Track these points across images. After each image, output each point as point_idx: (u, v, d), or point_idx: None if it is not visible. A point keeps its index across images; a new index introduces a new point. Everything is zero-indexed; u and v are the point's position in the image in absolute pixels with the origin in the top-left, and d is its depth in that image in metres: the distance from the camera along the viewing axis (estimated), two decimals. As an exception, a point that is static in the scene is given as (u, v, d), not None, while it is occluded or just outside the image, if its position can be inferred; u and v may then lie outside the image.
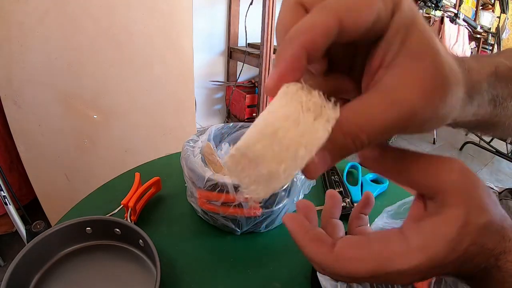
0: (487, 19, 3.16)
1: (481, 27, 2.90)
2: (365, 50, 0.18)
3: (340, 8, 0.15)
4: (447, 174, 0.20)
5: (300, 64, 0.15)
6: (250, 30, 1.91)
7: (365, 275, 0.18)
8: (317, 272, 0.38)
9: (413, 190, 0.21)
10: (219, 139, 0.61)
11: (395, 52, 0.16)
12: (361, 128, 0.16)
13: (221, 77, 2.11)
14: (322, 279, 0.37)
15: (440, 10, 1.93)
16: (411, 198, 0.38)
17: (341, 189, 0.60)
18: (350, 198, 0.58)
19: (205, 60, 1.99)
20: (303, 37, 0.15)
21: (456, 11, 2.05)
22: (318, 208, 0.60)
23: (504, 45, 3.40)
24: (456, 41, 2.50)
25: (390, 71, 0.16)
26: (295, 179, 0.48)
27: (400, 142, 2.62)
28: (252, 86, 2.05)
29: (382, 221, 0.39)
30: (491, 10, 3.31)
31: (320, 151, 0.16)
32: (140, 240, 0.42)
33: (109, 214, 0.47)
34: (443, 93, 0.16)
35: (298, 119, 0.15)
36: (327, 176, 0.64)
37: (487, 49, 3.68)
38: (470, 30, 2.67)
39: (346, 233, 0.27)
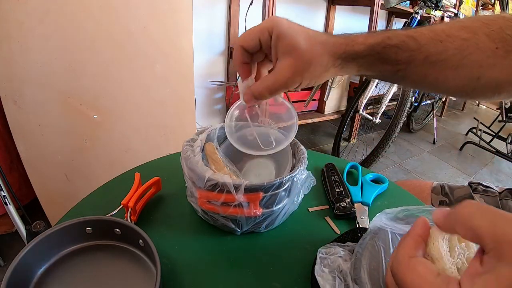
0: (487, 19, 3.14)
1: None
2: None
3: (240, 41, 0.37)
4: (504, 226, 0.20)
5: (245, 66, 0.40)
6: (250, 30, 1.91)
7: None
8: (316, 272, 0.38)
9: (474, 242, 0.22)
10: (221, 139, 0.61)
11: (275, 54, 0.35)
12: (263, 87, 0.37)
13: (221, 77, 2.11)
14: (320, 278, 0.37)
15: (440, 10, 1.92)
16: (413, 206, 0.38)
17: (341, 189, 0.60)
18: (350, 198, 0.58)
19: (205, 60, 1.99)
20: (235, 56, 0.39)
21: (456, 11, 2.05)
22: (318, 208, 0.60)
23: (504, 45, 3.39)
24: (456, 41, 2.49)
25: (276, 65, 0.36)
26: (295, 179, 0.48)
27: (401, 142, 2.62)
28: (252, 86, 2.05)
29: (381, 222, 0.39)
30: (491, 10, 3.31)
31: (249, 94, 0.38)
32: (140, 240, 0.42)
33: (109, 214, 0.47)
34: (301, 67, 0.34)
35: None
36: (327, 176, 0.64)
37: (487, 49, 3.68)
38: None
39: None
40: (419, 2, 1.88)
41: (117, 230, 0.43)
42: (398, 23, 2.85)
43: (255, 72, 0.41)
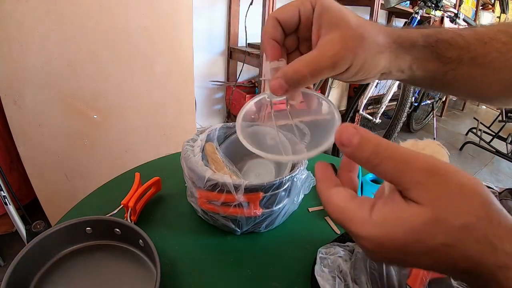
0: (487, 19, 3.16)
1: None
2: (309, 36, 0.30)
3: (275, 12, 0.30)
4: (415, 175, 0.20)
5: (275, 44, 0.31)
6: (250, 30, 1.91)
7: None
8: (316, 272, 0.38)
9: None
10: (221, 139, 0.61)
11: (318, 31, 0.29)
12: (301, 65, 0.27)
13: (221, 77, 2.12)
14: (320, 278, 0.37)
15: (440, 10, 1.92)
16: None
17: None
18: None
19: (205, 60, 1.99)
20: (266, 29, 0.31)
21: (456, 11, 2.04)
22: (318, 208, 0.60)
23: (504, 45, 3.39)
24: (456, 41, 2.49)
25: (319, 41, 0.28)
26: (295, 179, 0.48)
27: (401, 142, 2.61)
28: (252, 86, 2.05)
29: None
30: (491, 10, 3.32)
31: (279, 80, 0.28)
32: (140, 240, 0.42)
33: (109, 214, 0.47)
34: (352, 41, 0.27)
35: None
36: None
37: (487, 49, 3.68)
38: (470, 30, 2.67)
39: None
40: (419, 2, 1.88)
41: (117, 230, 0.43)
42: (398, 23, 2.85)
43: (285, 58, 0.33)
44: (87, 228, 0.43)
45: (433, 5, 1.85)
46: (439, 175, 0.20)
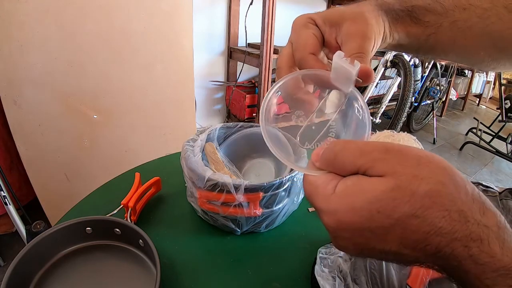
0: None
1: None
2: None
3: (306, 48, 0.31)
4: (372, 154, 0.21)
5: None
6: (250, 30, 1.91)
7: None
8: (316, 272, 0.38)
9: None
10: (221, 139, 0.61)
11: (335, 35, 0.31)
12: (356, 51, 0.29)
13: (221, 77, 2.12)
14: (320, 278, 0.37)
15: None
16: None
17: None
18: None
19: (205, 60, 1.99)
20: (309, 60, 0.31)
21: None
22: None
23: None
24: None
25: (343, 33, 0.30)
26: (295, 179, 0.48)
27: (400, 142, 2.61)
28: (252, 86, 2.05)
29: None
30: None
31: (366, 66, 0.27)
32: (140, 240, 0.42)
33: (109, 214, 0.47)
34: (366, 22, 0.30)
35: None
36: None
37: (487, 49, 3.68)
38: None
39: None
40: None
41: (117, 230, 0.43)
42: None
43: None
44: (87, 228, 0.43)
45: None
46: (395, 150, 0.20)
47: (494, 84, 4.23)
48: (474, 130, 2.69)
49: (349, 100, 0.30)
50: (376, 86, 1.98)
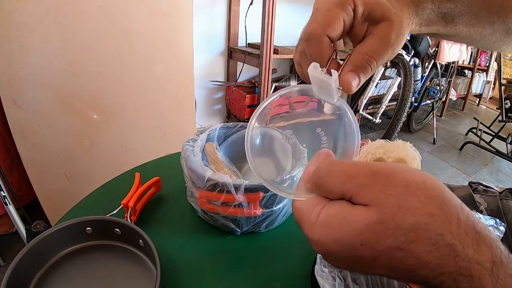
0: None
1: (481, 49, 2.89)
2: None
3: (321, 26, 0.27)
4: (357, 180, 0.20)
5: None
6: (250, 30, 1.91)
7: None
8: (316, 272, 0.38)
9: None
10: (221, 139, 0.61)
11: (364, 28, 0.28)
12: (371, 54, 0.27)
13: (221, 77, 2.12)
14: (320, 278, 0.37)
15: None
16: None
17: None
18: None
19: (205, 60, 1.99)
20: (318, 52, 0.28)
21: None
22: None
23: (504, 45, 3.39)
24: (456, 41, 2.50)
25: (375, 30, 0.28)
26: (295, 179, 0.48)
27: (400, 142, 2.61)
28: (252, 86, 2.05)
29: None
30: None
31: (348, 74, 0.27)
32: (140, 240, 0.42)
33: (109, 214, 0.47)
34: (400, 28, 0.27)
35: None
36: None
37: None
38: (470, 30, 2.67)
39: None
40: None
41: (117, 230, 0.43)
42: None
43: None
44: (87, 228, 0.43)
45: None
46: (382, 175, 0.19)
47: (494, 84, 4.23)
48: (474, 130, 2.69)
49: (339, 111, 0.30)
50: (376, 86, 1.98)
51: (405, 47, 2.06)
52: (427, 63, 2.54)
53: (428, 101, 2.75)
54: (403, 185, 0.18)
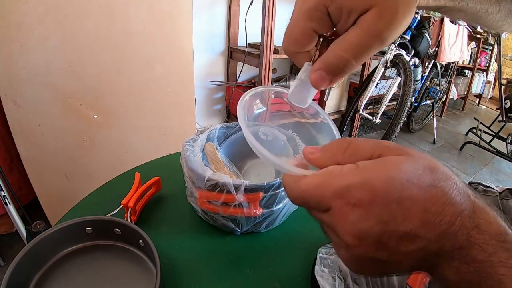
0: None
1: (481, 27, 2.89)
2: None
3: (304, 18, 0.25)
4: (385, 143, 0.23)
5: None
6: (250, 30, 1.91)
7: (309, 193, 0.22)
8: (316, 272, 0.38)
9: None
10: (221, 139, 0.61)
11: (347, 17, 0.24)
12: (349, 51, 0.23)
13: (221, 77, 2.11)
14: (320, 278, 0.37)
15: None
16: None
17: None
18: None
19: (205, 60, 1.99)
20: (301, 41, 0.26)
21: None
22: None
23: (504, 45, 3.40)
24: (455, 41, 2.50)
25: (359, 20, 0.23)
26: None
27: (401, 142, 2.62)
28: (252, 86, 2.05)
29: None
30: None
31: (319, 72, 0.25)
32: (140, 240, 0.42)
33: (109, 214, 0.47)
34: (395, 12, 0.22)
35: None
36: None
37: (487, 49, 3.69)
38: (470, 30, 2.67)
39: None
40: (419, 2, 1.88)
41: (117, 230, 0.43)
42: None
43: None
44: (87, 228, 0.43)
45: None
46: (404, 148, 0.22)
47: (494, 84, 4.23)
48: (474, 130, 2.69)
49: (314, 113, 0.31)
50: (376, 86, 1.97)
51: (405, 47, 2.05)
52: (427, 63, 2.54)
53: (428, 101, 2.76)
54: (415, 151, 0.22)
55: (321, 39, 0.26)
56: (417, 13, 1.97)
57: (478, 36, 3.26)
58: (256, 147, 0.26)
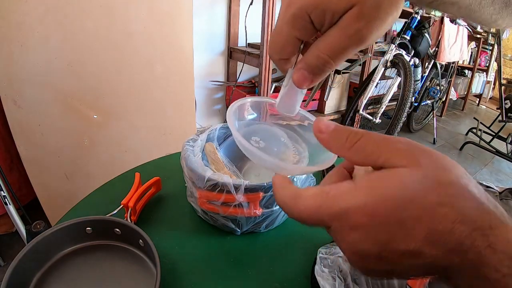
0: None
1: (481, 27, 2.89)
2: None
3: (289, 28, 0.24)
4: (395, 144, 0.21)
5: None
6: (250, 30, 1.91)
7: (307, 214, 0.21)
8: (316, 272, 0.38)
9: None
10: (221, 139, 0.61)
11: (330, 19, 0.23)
12: (328, 51, 0.23)
13: (221, 77, 2.11)
14: (320, 278, 0.37)
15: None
16: None
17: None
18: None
19: (205, 60, 1.99)
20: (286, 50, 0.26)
21: (456, 11, 2.04)
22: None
23: (504, 45, 3.40)
24: (455, 41, 2.50)
25: (339, 21, 0.23)
26: (295, 179, 0.48)
27: (400, 142, 2.62)
28: (252, 86, 2.05)
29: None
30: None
31: (301, 72, 0.25)
32: (140, 240, 0.42)
33: (109, 214, 0.47)
34: (376, 11, 0.22)
35: None
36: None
37: (487, 49, 3.69)
38: (470, 30, 2.67)
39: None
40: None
41: (117, 230, 0.43)
42: (398, 23, 2.84)
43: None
44: (87, 228, 0.43)
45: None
46: (417, 144, 0.21)
47: (494, 84, 4.23)
48: (474, 130, 2.69)
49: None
50: (376, 86, 1.98)
51: (405, 47, 2.05)
52: (427, 63, 2.54)
53: (428, 101, 2.76)
54: (438, 154, 0.20)
55: (302, 46, 0.26)
56: (417, 13, 1.97)
57: (478, 36, 3.26)
58: (244, 145, 0.28)
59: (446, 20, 2.33)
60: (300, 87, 0.26)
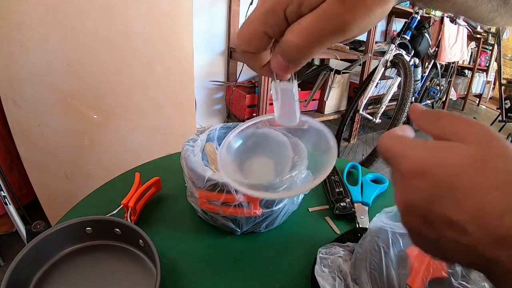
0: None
1: (481, 27, 2.89)
2: None
3: (257, 24, 0.23)
4: (470, 125, 0.21)
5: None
6: (250, 30, 1.91)
7: (389, 145, 0.23)
8: (316, 272, 0.38)
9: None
10: (221, 139, 0.61)
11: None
12: (296, 36, 0.21)
13: (221, 77, 2.11)
14: (320, 278, 0.37)
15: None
16: None
17: (341, 189, 0.60)
18: (350, 198, 0.58)
19: (205, 60, 1.99)
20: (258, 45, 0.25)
21: (456, 11, 2.05)
22: (318, 208, 0.60)
23: (504, 45, 3.40)
24: (455, 41, 2.50)
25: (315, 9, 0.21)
26: (295, 179, 0.48)
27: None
28: (252, 86, 2.05)
29: (381, 221, 0.39)
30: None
31: (277, 58, 0.23)
32: (140, 240, 0.42)
33: (109, 214, 0.47)
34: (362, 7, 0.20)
35: None
36: (327, 176, 0.64)
37: (487, 49, 3.69)
38: (470, 30, 2.67)
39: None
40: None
41: (117, 230, 0.43)
42: (398, 23, 2.85)
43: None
44: (87, 228, 0.43)
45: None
46: (490, 130, 0.21)
47: (494, 84, 4.23)
48: (474, 130, 2.69)
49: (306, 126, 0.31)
50: (376, 86, 1.98)
51: (405, 47, 2.06)
52: (427, 63, 2.54)
53: (428, 101, 2.76)
54: (506, 141, 0.20)
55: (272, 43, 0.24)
56: (417, 13, 1.97)
57: (478, 36, 3.26)
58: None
59: (446, 20, 2.33)
60: (279, 76, 0.25)
